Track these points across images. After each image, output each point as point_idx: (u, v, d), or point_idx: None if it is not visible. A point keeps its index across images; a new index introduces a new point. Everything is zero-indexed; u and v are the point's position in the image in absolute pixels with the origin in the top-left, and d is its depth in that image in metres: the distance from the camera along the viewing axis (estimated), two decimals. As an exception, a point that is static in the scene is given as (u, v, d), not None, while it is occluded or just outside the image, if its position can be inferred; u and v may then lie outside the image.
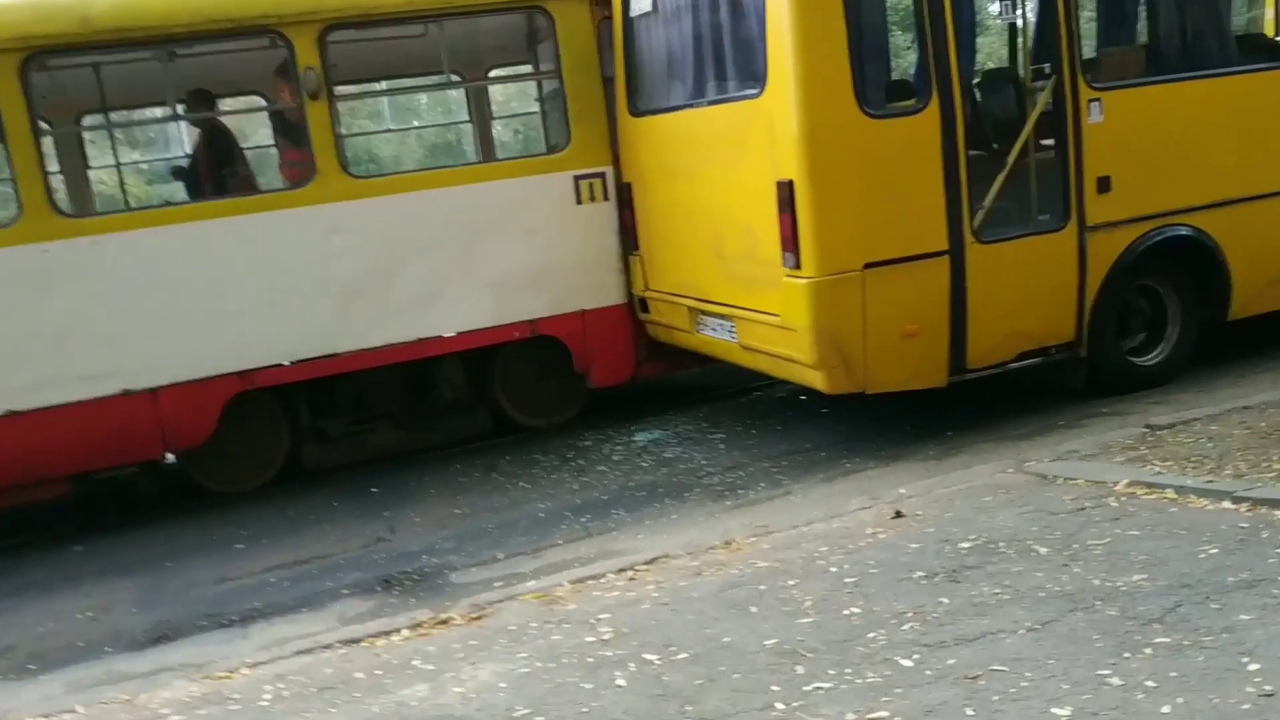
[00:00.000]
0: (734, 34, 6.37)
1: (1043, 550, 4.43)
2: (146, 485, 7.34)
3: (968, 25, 7.14)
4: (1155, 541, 4.36)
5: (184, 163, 8.11)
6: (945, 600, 4.08)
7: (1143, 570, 4.10)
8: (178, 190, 7.90)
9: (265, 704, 4.04)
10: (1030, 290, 6.33)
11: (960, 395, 6.53)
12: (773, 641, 3.92)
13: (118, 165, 8.71)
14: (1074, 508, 4.86)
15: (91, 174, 8.38)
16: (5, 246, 6.46)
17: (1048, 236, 6.39)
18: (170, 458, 7.23)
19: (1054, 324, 6.48)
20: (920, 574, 4.35)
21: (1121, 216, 6.48)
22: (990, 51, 11.85)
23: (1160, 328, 6.93)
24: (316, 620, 5.19)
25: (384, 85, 9.84)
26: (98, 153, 8.79)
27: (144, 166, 8.67)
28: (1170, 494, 4.88)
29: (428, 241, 7.25)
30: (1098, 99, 6.33)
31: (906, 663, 3.64)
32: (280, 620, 5.27)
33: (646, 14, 7.14)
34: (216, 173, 7.58)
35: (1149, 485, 5.00)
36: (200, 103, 7.44)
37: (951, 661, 3.60)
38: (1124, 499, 4.89)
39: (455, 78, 8.73)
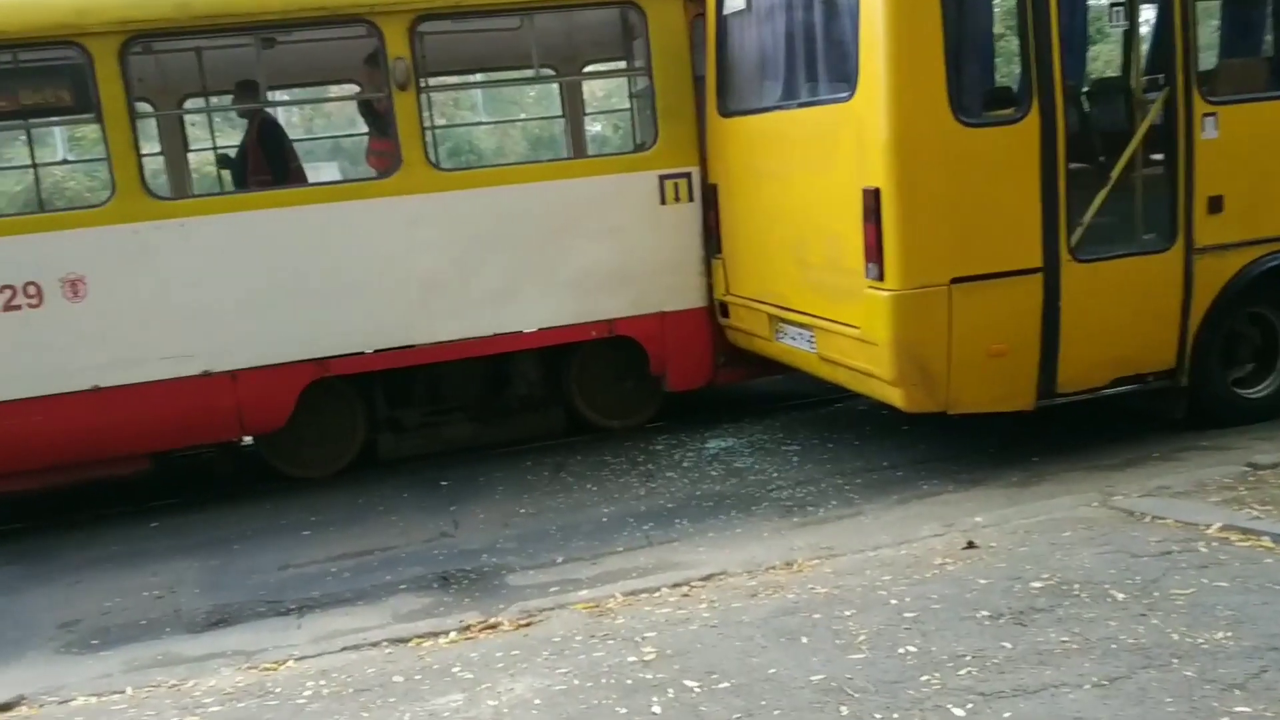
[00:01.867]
0: (826, 34, 6.16)
1: (1119, 596, 4.14)
2: (223, 466, 7.46)
3: (1078, 32, 6.78)
4: (1245, 595, 4.04)
5: (232, 153, 8.21)
6: (1008, 645, 3.84)
7: (1228, 627, 3.80)
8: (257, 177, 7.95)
9: (302, 702, 4.02)
10: (1129, 313, 5.98)
11: (1050, 419, 6.21)
12: (820, 677, 3.74)
13: (214, 149, 8.87)
14: (1159, 550, 4.55)
15: (183, 158, 8.55)
16: (99, 226, 6.64)
17: (1151, 257, 6.03)
18: (247, 440, 7.36)
19: (1153, 350, 6.12)
20: (985, 613, 4.11)
21: (1233, 239, 6.08)
22: (1109, 60, 11.30)
23: (1271, 358, 6.48)
24: (370, 614, 5.17)
25: (475, 78, 9.82)
26: (190, 137, 8.95)
27: (233, 152, 8.76)
28: (1267, 542, 4.53)
29: (510, 236, 7.20)
30: (1213, 114, 5.95)
31: (959, 711, 3.42)
32: (335, 612, 5.27)
33: (740, 12, 6.96)
34: (268, 164, 7.62)
35: (1244, 531, 4.66)
36: (246, 94, 7.50)
37: (1008, 715, 3.37)
38: (1215, 545, 4.56)
39: (547, 72, 8.67)
